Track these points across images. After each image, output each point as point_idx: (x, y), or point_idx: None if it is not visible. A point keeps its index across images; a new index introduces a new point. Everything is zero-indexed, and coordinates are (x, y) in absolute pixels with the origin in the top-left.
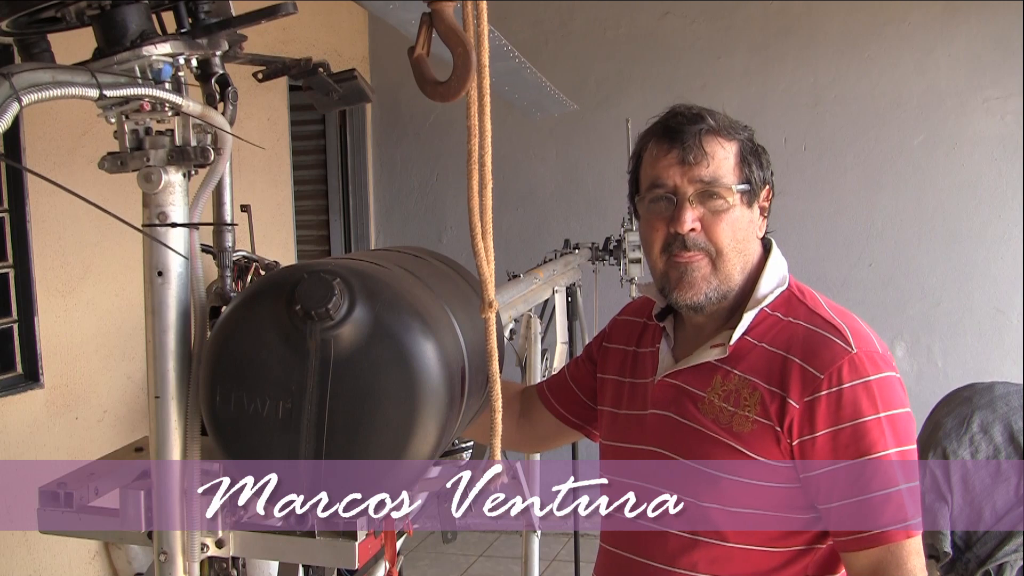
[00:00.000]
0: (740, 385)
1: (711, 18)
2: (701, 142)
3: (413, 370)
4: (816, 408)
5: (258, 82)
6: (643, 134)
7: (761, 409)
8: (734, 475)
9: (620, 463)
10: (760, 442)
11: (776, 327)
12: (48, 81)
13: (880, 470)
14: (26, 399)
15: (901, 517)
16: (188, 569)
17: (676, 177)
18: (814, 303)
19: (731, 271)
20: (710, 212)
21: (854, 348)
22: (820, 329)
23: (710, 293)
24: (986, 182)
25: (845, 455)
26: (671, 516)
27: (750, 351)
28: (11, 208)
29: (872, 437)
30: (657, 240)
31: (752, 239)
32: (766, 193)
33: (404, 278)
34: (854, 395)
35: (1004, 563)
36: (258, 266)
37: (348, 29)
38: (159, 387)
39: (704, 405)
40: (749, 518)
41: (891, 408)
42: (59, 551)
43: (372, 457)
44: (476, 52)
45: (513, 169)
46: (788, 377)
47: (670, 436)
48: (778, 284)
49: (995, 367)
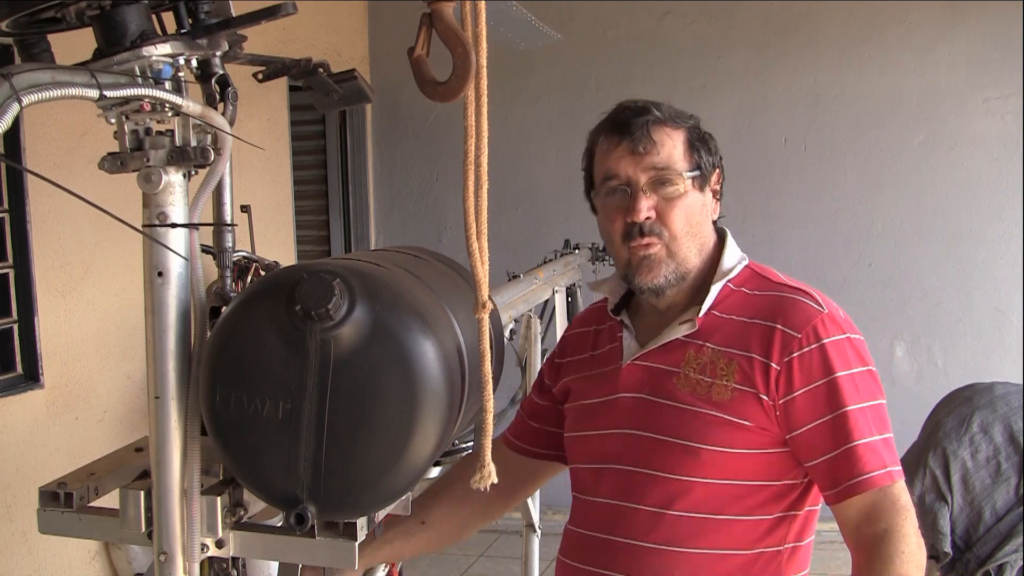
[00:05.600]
0: (715, 357)
1: (711, 18)
2: (649, 132)
3: (413, 370)
4: (796, 366)
5: (258, 82)
6: (593, 131)
7: (740, 376)
8: (715, 445)
9: (592, 449)
10: (742, 407)
11: (744, 301)
12: (48, 81)
13: (859, 421)
14: (26, 399)
15: (881, 463)
16: (188, 569)
17: (629, 168)
18: (775, 276)
19: (686, 254)
20: (664, 199)
21: (825, 308)
22: (790, 294)
23: (668, 275)
24: (986, 182)
25: (825, 409)
26: (650, 492)
27: (721, 325)
28: (11, 208)
29: (848, 390)
30: (616, 231)
31: (706, 222)
32: (716, 177)
33: (404, 278)
34: (831, 350)
35: (1004, 563)
36: (258, 266)
37: (348, 29)
38: (159, 387)
39: (680, 380)
40: (730, 488)
41: (863, 364)
42: (59, 551)
43: (372, 457)
44: (475, 52)
45: (513, 169)
46: (765, 341)
47: (644, 416)
48: (739, 260)
49: (995, 367)
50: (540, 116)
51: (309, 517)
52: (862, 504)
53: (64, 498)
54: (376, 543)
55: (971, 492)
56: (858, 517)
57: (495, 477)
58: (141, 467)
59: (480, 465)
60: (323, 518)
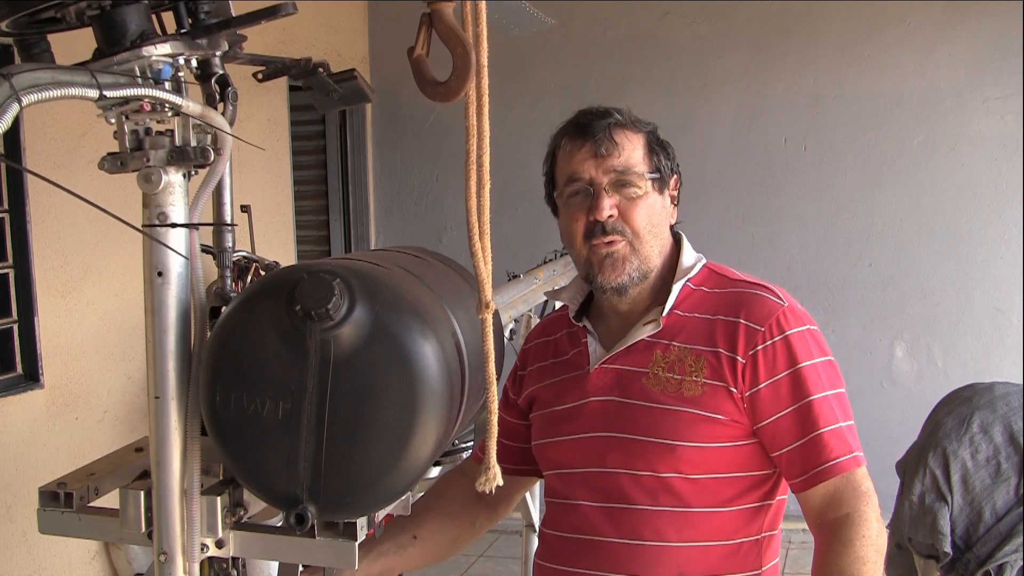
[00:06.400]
0: (682, 354)
1: (711, 18)
2: (611, 134)
3: (413, 370)
4: (761, 358)
5: (258, 82)
6: (555, 135)
7: (710, 371)
8: (690, 440)
9: (563, 455)
10: (713, 401)
11: (706, 299)
12: (48, 81)
13: (824, 409)
14: (26, 399)
15: (847, 449)
16: (188, 569)
17: (591, 169)
18: (732, 274)
19: (649, 252)
20: (625, 199)
21: (785, 302)
22: (751, 290)
23: (632, 272)
24: (986, 182)
25: (790, 399)
26: (629, 491)
27: (684, 324)
28: (11, 208)
29: (812, 380)
30: (578, 230)
31: (665, 224)
32: (674, 182)
33: (404, 278)
34: (794, 342)
35: (1004, 563)
36: (258, 266)
37: (348, 29)
38: (159, 387)
39: (649, 379)
40: (708, 482)
41: (825, 355)
42: (59, 551)
43: (372, 457)
44: (476, 52)
45: (513, 169)
46: (730, 336)
47: (615, 418)
48: (697, 260)
49: (995, 367)
50: (540, 116)
51: (309, 517)
52: (825, 491)
53: (64, 498)
54: (371, 556)
55: (971, 492)
56: (822, 503)
57: (500, 479)
58: (141, 467)
59: (485, 467)
60: (323, 518)
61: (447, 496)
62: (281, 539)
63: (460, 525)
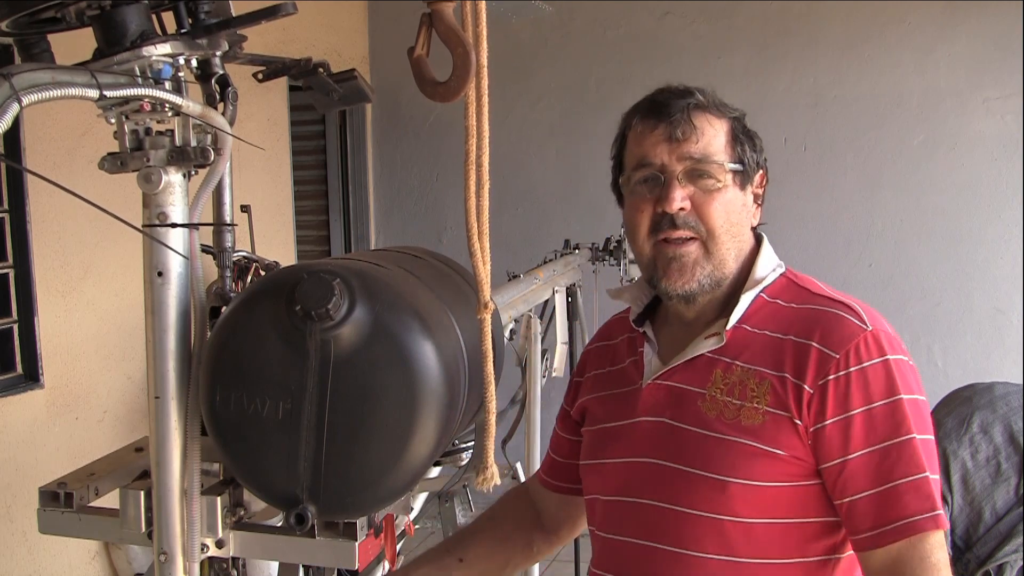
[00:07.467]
0: (745, 376)
1: (711, 18)
2: (690, 116)
3: (413, 370)
4: (834, 390)
5: (258, 82)
6: (627, 113)
7: (773, 399)
8: (745, 478)
9: (609, 480)
10: (774, 434)
11: (778, 314)
12: (48, 81)
13: (905, 454)
14: (26, 399)
15: (930, 506)
16: (188, 569)
17: (664, 155)
18: (815, 287)
19: (725, 256)
20: (701, 191)
21: (869, 326)
22: (830, 308)
23: (703, 279)
24: (986, 182)
25: (867, 441)
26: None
27: (751, 341)
28: (11, 208)
29: (895, 419)
30: (643, 222)
31: (746, 225)
32: (760, 178)
33: (404, 278)
34: (875, 375)
35: (1004, 563)
36: (258, 266)
37: (348, 29)
38: (159, 387)
39: (706, 402)
40: (764, 527)
41: (912, 392)
42: (59, 551)
43: (372, 457)
44: (476, 52)
45: (513, 169)
46: (800, 361)
47: (666, 444)
48: (774, 268)
49: (995, 367)
50: (540, 116)
51: (309, 517)
52: (888, 556)
53: (64, 498)
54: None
55: (971, 492)
56: (882, 570)
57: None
58: (141, 467)
59: (483, 467)
60: (323, 518)
61: (499, 517)
62: (281, 539)
63: (512, 548)
